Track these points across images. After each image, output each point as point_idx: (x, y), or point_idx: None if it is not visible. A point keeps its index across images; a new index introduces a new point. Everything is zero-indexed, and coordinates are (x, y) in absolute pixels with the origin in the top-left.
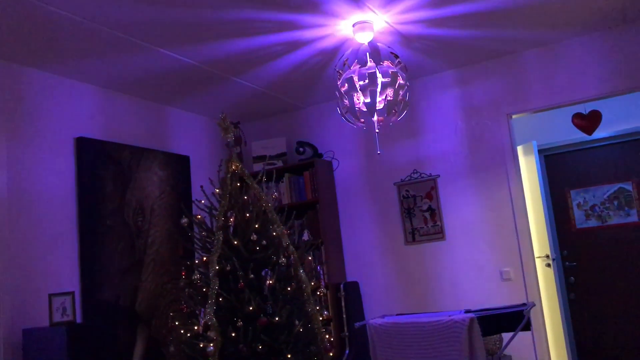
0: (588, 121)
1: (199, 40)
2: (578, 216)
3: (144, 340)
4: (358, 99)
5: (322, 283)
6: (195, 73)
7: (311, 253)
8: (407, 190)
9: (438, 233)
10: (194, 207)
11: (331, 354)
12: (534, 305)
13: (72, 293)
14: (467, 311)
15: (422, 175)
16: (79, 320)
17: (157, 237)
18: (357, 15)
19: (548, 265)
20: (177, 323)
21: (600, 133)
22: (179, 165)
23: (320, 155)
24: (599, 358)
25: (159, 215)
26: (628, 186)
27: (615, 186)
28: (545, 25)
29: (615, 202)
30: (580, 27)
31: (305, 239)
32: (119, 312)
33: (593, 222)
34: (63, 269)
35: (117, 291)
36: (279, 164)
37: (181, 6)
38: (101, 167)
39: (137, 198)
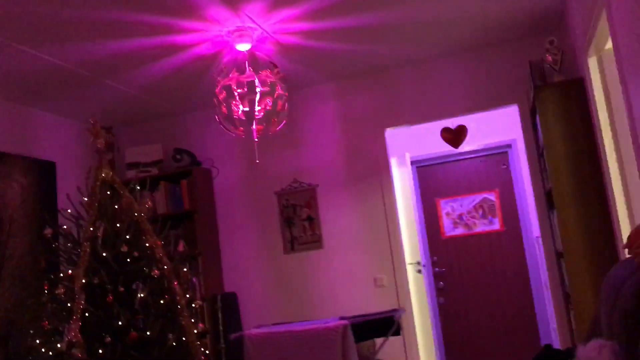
0: (455, 135)
1: (65, 40)
2: (447, 224)
3: None
4: (237, 107)
5: (198, 295)
6: (62, 74)
7: (187, 264)
8: (287, 200)
9: (316, 242)
10: (59, 216)
11: None
12: (404, 310)
13: None
14: (342, 318)
15: (302, 184)
16: None
17: (17, 249)
18: (236, 23)
19: (419, 271)
20: (37, 341)
21: (466, 146)
22: (44, 172)
23: (199, 164)
24: (466, 357)
25: (20, 225)
26: (491, 196)
27: (480, 196)
28: (416, 43)
29: (480, 211)
30: (449, 47)
31: (181, 250)
32: None
33: (460, 230)
34: None
35: None
36: (154, 171)
37: (45, 2)
38: None
39: None
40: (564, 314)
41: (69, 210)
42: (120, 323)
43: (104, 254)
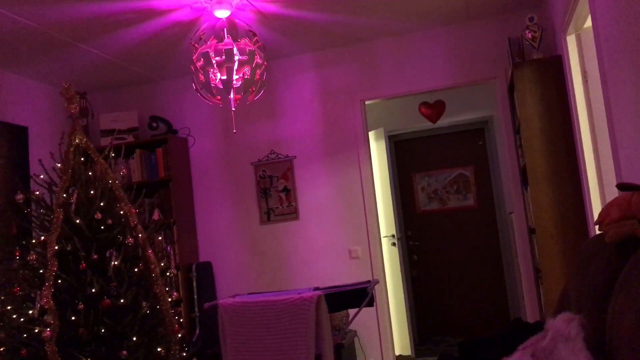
0: (433, 110)
1: (39, 1)
2: (422, 199)
3: None
4: (214, 75)
5: (173, 263)
6: (35, 36)
7: (162, 233)
8: (263, 171)
9: (292, 213)
10: (31, 182)
11: (180, 335)
12: (378, 282)
13: None
14: (316, 289)
15: (279, 156)
16: None
17: None
18: None
19: (393, 244)
20: (9, 307)
21: (443, 122)
22: (16, 137)
23: (175, 132)
24: (437, 329)
25: None
26: (467, 172)
27: (456, 172)
28: (396, 15)
29: (455, 187)
30: (429, 20)
31: (156, 218)
32: None
33: (435, 205)
34: None
35: None
36: (130, 138)
37: None
38: None
39: None
40: (534, 289)
41: (41, 176)
42: (93, 290)
43: (77, 221)
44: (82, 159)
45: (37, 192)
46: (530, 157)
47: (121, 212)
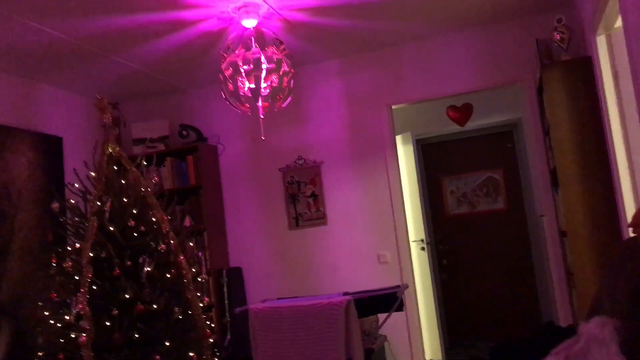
0: (461, 113)
1: (71, 14)
2: (451, 202)
3: (9, 333)
4: (242, 84)
5: (204, 269)
6: (68, 48)
7: (193, 239)
8: (291, 176)
9: (321, 218)
10: (66, 191)
11: (211, 340)
12: (407, 286)
13: None
14: (345, 293)
15: (307, 161)
16: None
17: (25, 223)
18: None
19: (422, 248)
20: (46, 313)
21: (472, 125)
22: (51, 147)
23: (205, 140)
24: (468, 334)
25: (28, 199)
26: (496, 175)
27: (485, 175)
28: (422, 19)
29: (484, 190)
30: (455, 23)
31: (187, 225)
32: None
33: (464, 208)
34: None
35: None
36: (161, 147)
37: None
38: None
39: (2, 181)
40: (566, 292)
41: (76, 185)
42: (127, 296)
43: (111, 228)
44: (115, 167)
45: (72, 201)
46: (561, 159)
47: (153, 219)
